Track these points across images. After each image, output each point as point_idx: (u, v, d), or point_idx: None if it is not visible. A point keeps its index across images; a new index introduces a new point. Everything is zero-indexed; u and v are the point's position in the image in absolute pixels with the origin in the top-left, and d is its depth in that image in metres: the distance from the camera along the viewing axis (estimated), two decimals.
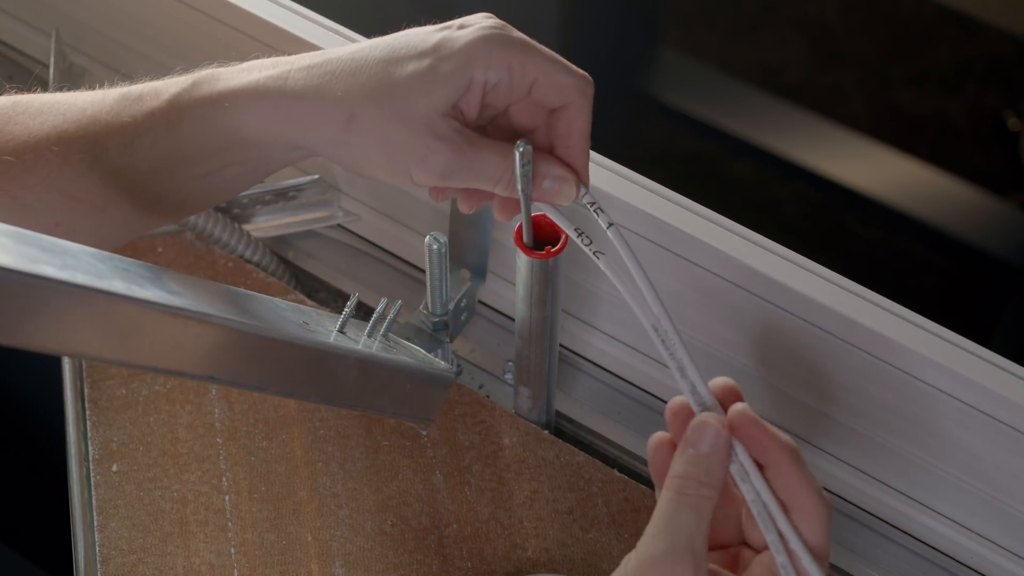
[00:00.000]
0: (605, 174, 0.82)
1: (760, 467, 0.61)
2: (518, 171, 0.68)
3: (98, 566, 0.83)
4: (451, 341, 0.85)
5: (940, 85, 1.97)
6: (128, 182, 0.70)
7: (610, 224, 0.67)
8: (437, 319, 0.84)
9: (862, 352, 0.79)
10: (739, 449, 0.61)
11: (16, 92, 0.73)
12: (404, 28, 0.69)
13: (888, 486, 0.85)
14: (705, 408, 0.63)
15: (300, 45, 0.87)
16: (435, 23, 0.69)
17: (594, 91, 0.68)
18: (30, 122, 0.70)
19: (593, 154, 0.82)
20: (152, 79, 0.71)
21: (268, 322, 0.64)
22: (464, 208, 0.71)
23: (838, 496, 0.86)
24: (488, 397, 0.90)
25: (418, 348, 0.78)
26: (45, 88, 0.98)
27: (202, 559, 0.83)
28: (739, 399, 0.63)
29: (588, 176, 0.69)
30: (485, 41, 0.66)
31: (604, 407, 0.92)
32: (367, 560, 0.83)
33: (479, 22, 0.67)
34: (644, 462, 0.90)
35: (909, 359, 0.77)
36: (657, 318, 0.65)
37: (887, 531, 0.86)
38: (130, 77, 1.01)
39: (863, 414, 0.83)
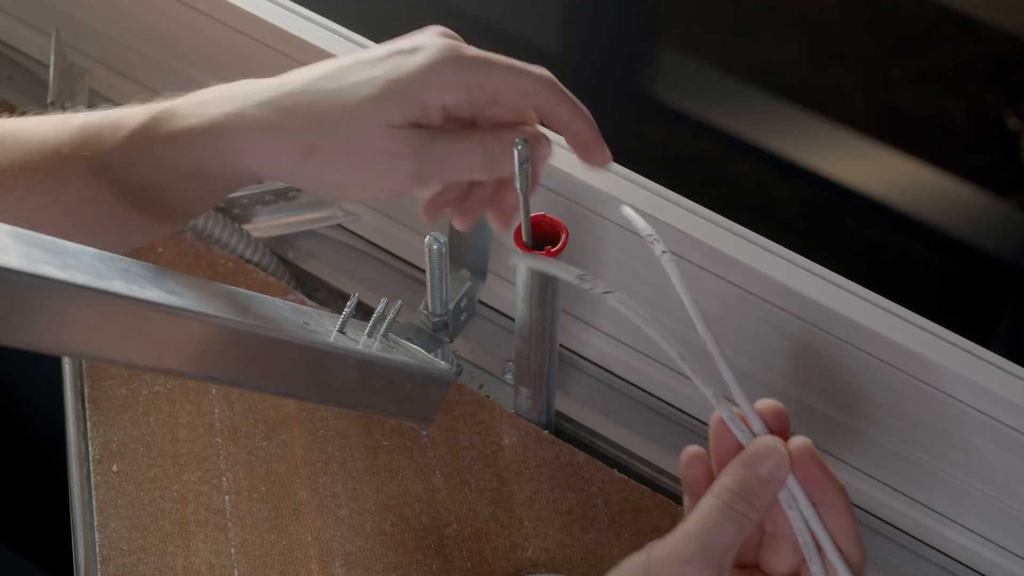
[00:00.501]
0: (605, 174, 0.82)
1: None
2: (516, 170, 0.68)
3: (98, 566, 0.83)
4: (451, 341, 0.85)
5: (940, 85, 1.97)
6: (92, 212, 0.70)
7: (664, 252, 0.66)
8: (437, 319, 0.84)
9: (862, 352, 0.79)
10: (791, 479, 0.62)
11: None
12: (403, 27, 0.69)
13: (885, 484, 0.85)
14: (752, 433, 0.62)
15: (300, 45, 0.87)
16: (435, 23, 0.69)
17: (555, 79, 0.68)
18: None
19: None
20: (112, 106, 0.70)
21: (268, 322, 0.64)
22: (460, 224, 0.71)
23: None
24: (488, 397, 0.90)
25: (418, 348, 0.78)
26: (45, 88, 0.98)
27: (202, 559, 0.83)
28: (786, 423, 0.63)
29: (602, 142, 0.69)
30: (439, 65, 0.66)
31: (604, 407, 0.92)
32: (367, 560, 0.83)
33: (431, 43, 0.67)
34: (644, 462, 0.90)
35: (909, 359, 0.77)
36: (704, 342, 0.64)
37: (894, 535, 0.86)
38: (130, 77, 1.01)
39: (862, 414, 0.83)
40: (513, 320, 0.86)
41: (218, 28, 0.91)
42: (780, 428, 0.63)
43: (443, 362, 0.78)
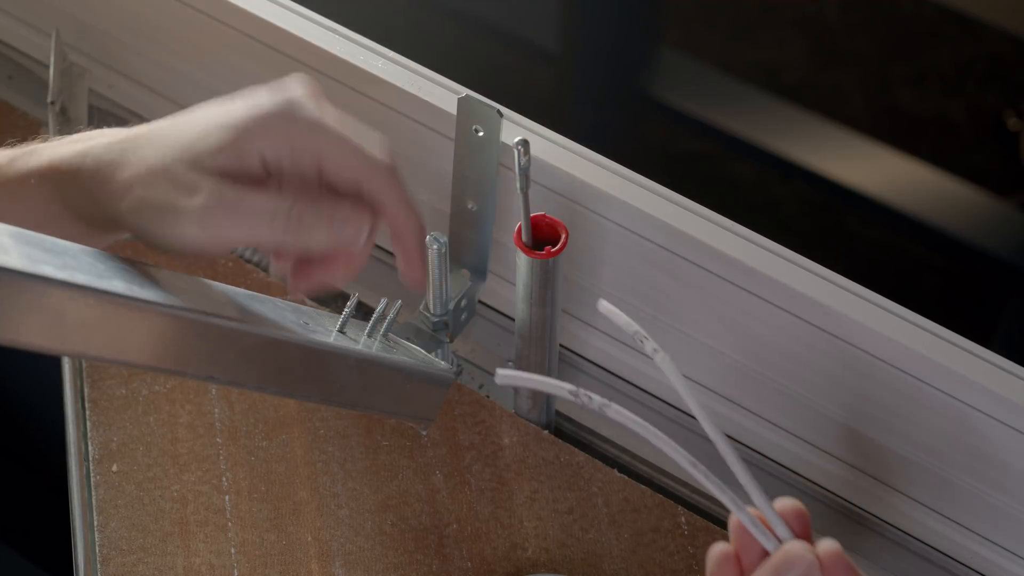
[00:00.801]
0: (605, 174, 0.82)
1: None
2: (517, 169, 0.68)
3: (98, 566, 0.83)
4: (451, 341, 0.85)
5: (940, 85, 1.97)
6: None
7: (656, 351, 0.63)
8: (437, 319, 0.84)
9: (861, 352, 0.79)
10: None
11: None
12: (404, 27, 0.69)
13: (883, 484, 0.85)
14: (774, 535, 0.61)
15: (300, 45, 0.87)
16: (434, 23, 0.68)
17: (397, 179, 0.65)
18: None
19: (593, 154, 0.82)
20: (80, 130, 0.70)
21: (268, 322, 0.64)
22: (294, 288, 0.68)
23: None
24: (488, 397, 0.90)
25: (418, 348, 0.78)
26: (45, 88, 0.98)
27: (202, 559, 0.83)
28: (807, 524, 0.61)
29: (422, 256, 0.66)
30: (267, 115, 0.64)
31: None
32: (367, 560, 0.83)
33: (280, 91, 0.65)
34: (644, 462, 0.90)
35: (909, 358, 0.77)
36: (715, 442, 0.61)
37: (893, 535, 0.86)
38: (130, 77, 1.01)
39: (862, 414, 0.83)
40: (513, 320, 0.86)
41: (218, 28, 0.91)
42: (802, 529, 0.61)
43: (443, 362, 0.78)
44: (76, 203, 0.65)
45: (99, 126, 1.02)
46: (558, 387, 0.61)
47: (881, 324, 0.77)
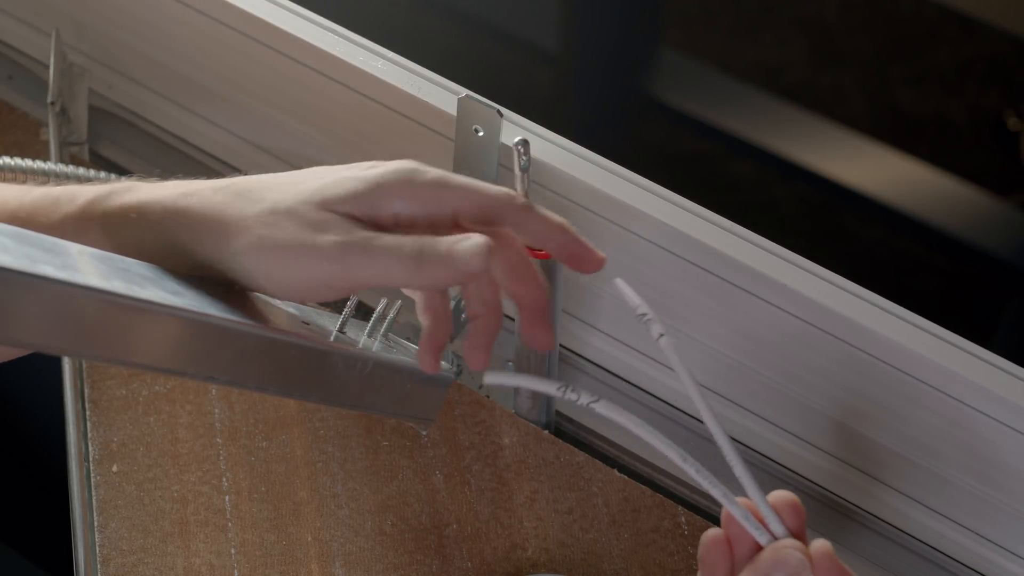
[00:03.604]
0: (605, 174, 0.82)
1: None
2: (517, 169, 0.68)
3: (98, 566, 0.83)
4: (451, 341, 0.85)
5: (940, 85, 1.97)
6: None
7: (661, 335, 0.64)
8: None
9: (861, 352, 0.79)
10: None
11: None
12: (404, 27, 0.69)
13: (881, 482, 0.85)
14: (767, 529, 0.61)
15: (300, 45, 0.87)
16: (435, 23, 0.68)
17: (518, 195, 0.65)
18: None
19: (593, 154, 0.82)
20: (145, 174, 0.70)
21: (268, 322, 0.64)
22: (472, 364, 0.68)
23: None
24: (488, 397, 0.90)
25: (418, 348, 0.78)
26: (45, 88, 0.98)
27: (202, 559, 0.83)
28: (802, 518, 0.61)
29: (585, 246, 0.66)
30: (394, 175, 0.64)
31: None
32: (367, 560, 0.83)
33: (391, 162, 0.65)
34: (644, 462, 0.90)
35: (909, 359, 0.77)
36: (714, 438, 0.62)
37: (892, 534, 0.86)
38: (130, 77, 1.01)
39: (862, 414, 0.83)
40: (513, 320, 0.86)
41: (218, 28, 0.91)
42: (796, 524, 0.61)
43: (443, 362, 0.78)
44: (169, 244, 0.65)
45: (99, 126, 1.02)
46: (546, 385, 0.62)
47: (880, 324, 0.77)
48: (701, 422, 0.90)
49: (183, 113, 1.01)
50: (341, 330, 0.71)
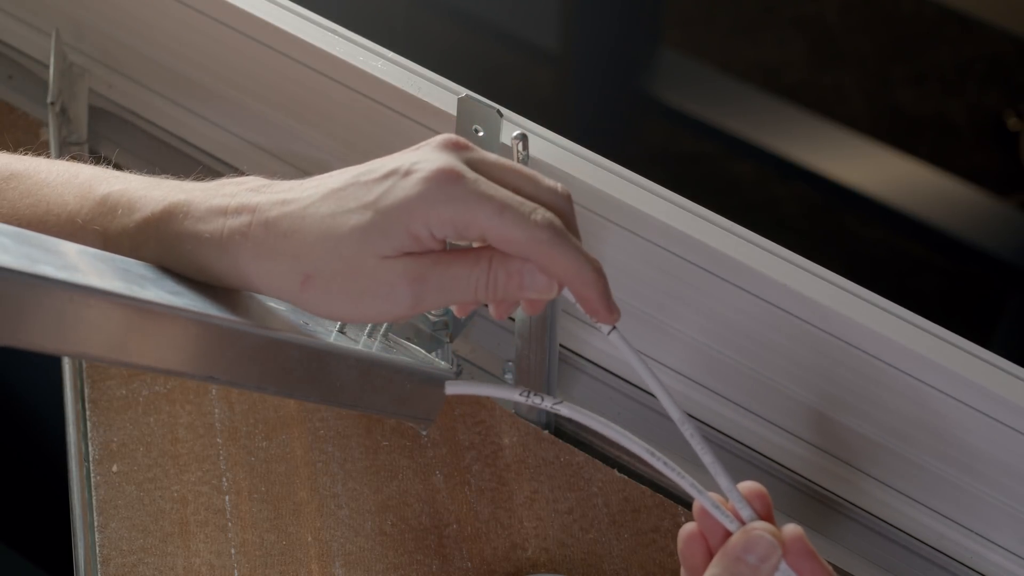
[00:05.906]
0: (605, 174, 0.82)
1: None
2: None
3: (98, 566, 0.83)
4: (451, 341, 0.85)
5: (940, 85, 1.97)
6: None
7: (612, 330, 0.65)
8: (437, 319, 0.84)
9: (861, 352, 0.79)
10: (784, 565, 0.62)
11: (27, 153, 0.72)
12: (404, 27, 0.68)
13: (879, 481, 0.85)
14: (737, 517, 0.63)
15: (300, 45, 0.87)
16: (435, 23, 0.68)
17: (558, 243, 0.63)
18: (18, 202, 0.69)
19: (593, 154, 0.83)
20: (145, 173, 0.70)
21: (268, 322, 0.64)
22: (496, 314, 0.69)
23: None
24: (488, 397, 0.90)
25: (418, 348, 0.78)
26: (45, 88, 0.98)
27: (202, 559, 0.83)
28: (769, 506, 0.63)
29: (608, 306, 0.65)
30: (421, 199, 0.63)
31: (604, 407, 0.92)
32: (367, 560, 0.83)
33: (425, 165, 0.64)
34: (644, 462, 0.90)
35: (909, 359, 0.77)
36: (680, 423, 0.63)
37: (892, 534, 0.86)
38: (130, 77, 1.01)
39: (862, 414, 0.83)
40: (513, 320, 0.86)
41: (218, 28, 0.91)
42: (764, 511, 0.63)
43: (443, 362, 0.78)
44: (209, 272, 0.66)
45: (99, 126, 1.02)
46: (507, 392, 0.63)
47: (881, 324, 0.77)
48: (701, 422, 0.90)
49: (183, 113, 1.01)
50: (341, 330, 0.71)
